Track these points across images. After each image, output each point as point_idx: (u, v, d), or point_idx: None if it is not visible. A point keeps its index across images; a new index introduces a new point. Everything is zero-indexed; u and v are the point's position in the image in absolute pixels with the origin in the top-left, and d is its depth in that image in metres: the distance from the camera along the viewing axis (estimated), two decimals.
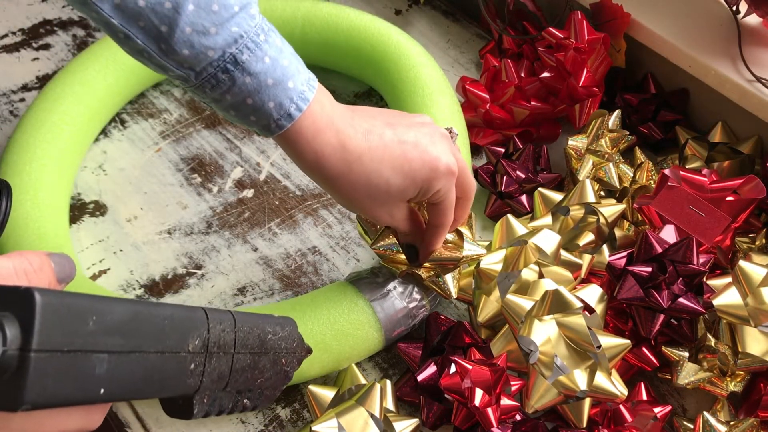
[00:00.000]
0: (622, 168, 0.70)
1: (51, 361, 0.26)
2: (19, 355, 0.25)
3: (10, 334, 0.25)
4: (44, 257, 0.33)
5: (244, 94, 0.45)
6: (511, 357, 0.55)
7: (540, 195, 0.65)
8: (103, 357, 0.28)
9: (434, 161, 0.50)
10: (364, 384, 0.56)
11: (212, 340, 0.35)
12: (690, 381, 0.56)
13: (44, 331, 0.25)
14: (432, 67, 0.74)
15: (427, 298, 0.60)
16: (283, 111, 0.46)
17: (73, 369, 0.27)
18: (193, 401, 0.35)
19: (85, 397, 0.28)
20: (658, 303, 0.55)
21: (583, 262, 0.60)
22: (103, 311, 0.29)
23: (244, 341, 0.38)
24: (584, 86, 0.71)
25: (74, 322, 0.27)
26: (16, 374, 0.25)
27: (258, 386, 0.40)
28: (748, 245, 0.64)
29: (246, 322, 0.39)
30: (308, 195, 0.73)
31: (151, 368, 0.31)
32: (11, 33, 0.86)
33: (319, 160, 0.48)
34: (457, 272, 0.59)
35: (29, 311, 0.25)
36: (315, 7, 0.78)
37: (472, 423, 0.54)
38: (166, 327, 0.32)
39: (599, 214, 0.62)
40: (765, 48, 0.70)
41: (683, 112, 0.76)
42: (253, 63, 0.45)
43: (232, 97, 0.45)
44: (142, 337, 0.30)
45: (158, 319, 0.32)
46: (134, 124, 0.78)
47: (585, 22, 0.72)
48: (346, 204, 0.53)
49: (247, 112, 0.46)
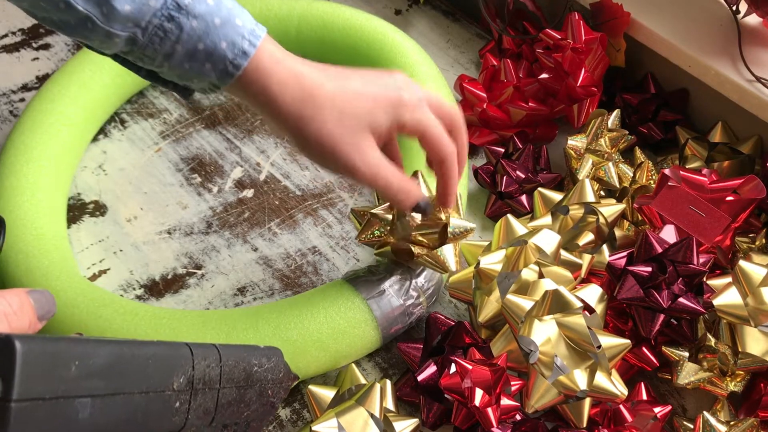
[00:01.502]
0: (621, 168, 0.70)
1: (32, 410, 0.25)
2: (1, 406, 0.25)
3: None
4: (24, 296, 0.32)
5: (194, 40, 0.44)
6: (511, 357, 0.55)
7: (540, 195, 0.65)
8: (86, 401, 0.28)
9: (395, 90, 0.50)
10: (363, 384, 0.56)
11: (197, 377, 0.35)
12: (690, 381, 0.56)
13: (25, 381, 0.25)
14: (428, 66, 0.74)
15: (423, 295, 0.60)
16: (237, 49, 0.45)
17: (56, 416, 0.27)
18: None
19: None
20: (658, 303, 0.55)
21: (583, 262, 0.60)
22: (86, 355, 0.28)
23: (230, 375, 0.38)
24: (582, 86, 0.71)
25: (56, 369, 0.26)
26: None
27: (245, 419, 0.40)
28: (748, 245, 0.64)
29: (231, 355, 0.38)
30: (308, 195, 0.73)
31: (135, 409, 0.31)
32: (11, 33, 0.86)
33: (277, 99, 0.47)
34: (456, 245, 0.58)
35: (9, 361, 0.25)
36: (311, 5, 0.78)
37: (472, 423, 0.54)
38: (150, 366, 0.32)
39: (599, 214, 0.62)
40: (765, 48, 0.70)
41: (683, 112, 0.76)
42: (197, 4, 0.44)
43: (183, 46, 0.45)
44: (126, 378, 0.30)
45: (142, 359, 0.31)
46: (134, 124, 0.78)
47: (582, 23, 0.72)
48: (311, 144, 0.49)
49: (202, 59, 0.45)
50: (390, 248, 0.58)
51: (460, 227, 0.58)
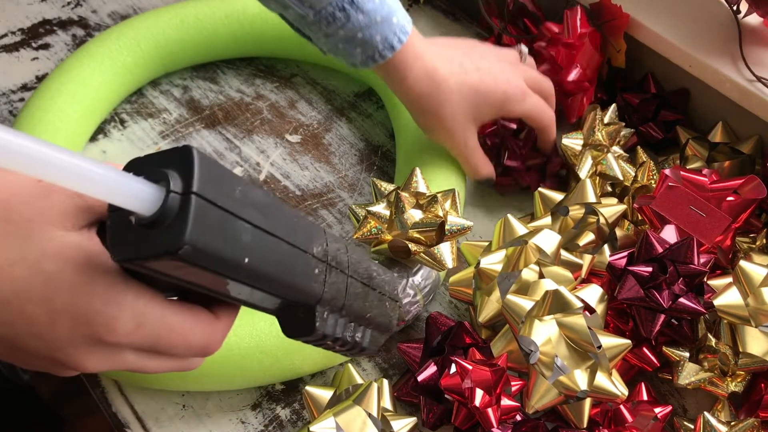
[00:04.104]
0: (623, 165, 0.69)
1: (207, 211, 0.27)
2: (181, 198, 0.27)
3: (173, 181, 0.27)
4: None
5: (356, 29, 0.55)
6: (511, 357, 0.55)
7: (540, 195, 0.65)
8: (247, 227, 0.29)
9: (504, 85, 0.63)
10: (361, 384, 0.56)
11: (330, 253, 0.35)
12: (690, 381, 0.56)
13: (202, 179, 0.27)
14: None
15: (420, 293, 0.60)
16: (387, 43, 0.56)
17: (224, 228, 0.28)
18: (315, 313, 0.35)
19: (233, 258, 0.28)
20: (658, 303, 0.55)
21: (583, 262, 0.60)
22: (247, 186, 0.29)
23: (355, 268, 0.38)
24: (572, 81, 0.71)
25: (224, 185, 0.28)
26: (177, 217, 0.26)
27: (367, 321, 0.40)
28: (749, 245, 0.64)
29: (355, 251, 0.38)
30: (308, 195, 0.73)
31: (284, 258, 0.31)
32: (11, 33, 0.86)
33: (412, 89, 0.60)
34: (453, 243, 0.58)
35: (188, 162, 0.27)
36: None
37: (472, 423, 0.54)
38: (295, 224, 0.32)
39: (599, 215, 0.62)
40: (766, 48, 0.70)
41: (683, 112, 0.76)
42: (366, 2, 0.54)
43: (345, 32, 0.55)
44: (278, 223, 0.31)
45: (288, 214, 0.32)
46: (134, 124, 0.78)
47: (579, 18, 0.72)
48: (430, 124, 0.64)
49: (355, 44, 0.56)
50: (387, 246, 0.58)
51: (457, 225, 0.58)
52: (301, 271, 0.33)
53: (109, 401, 0.59)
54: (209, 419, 0.58)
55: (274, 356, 0.56)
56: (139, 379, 0.58)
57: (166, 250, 0.26)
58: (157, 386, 0.58)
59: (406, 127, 0.71)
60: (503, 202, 0.73)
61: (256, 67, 0.84)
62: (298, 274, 0.33)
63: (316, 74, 0.84)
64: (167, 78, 0.82)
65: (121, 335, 0.30)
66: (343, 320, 0.38)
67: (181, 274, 0.29)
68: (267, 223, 0.30)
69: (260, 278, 0.31)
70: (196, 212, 0.26)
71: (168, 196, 0.26)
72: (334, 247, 0.36)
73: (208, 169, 0.27)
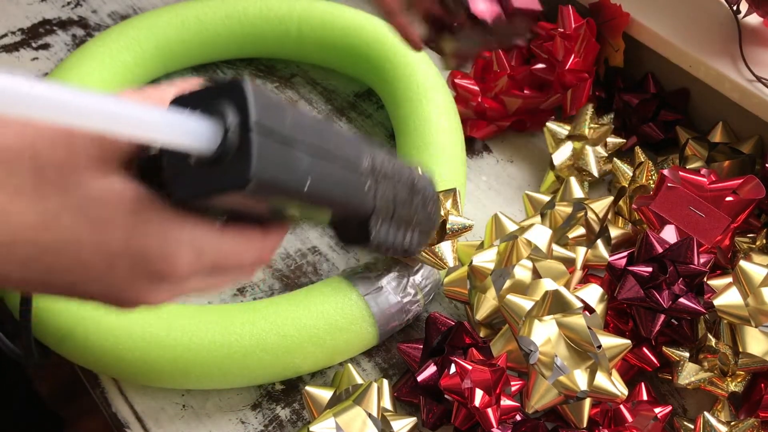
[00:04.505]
0: (621, 167, 0.69)
1: (266, 143, 0.27)
2: (240, 133, 0.26)
3: (230, 116, 0.26)
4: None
5: None
6: (511, 357, 0.55)
7: (528, 197, 0.65)
8: (302, 155, 0.29)
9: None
10: (360, 384, 0.56)
11: (377, 165, 0.36)
12: (690, 381, 0.56)
13: (259, 111, 0.27)
14: (426, 64, 0.74)
15: (421, 292, 0.60)
16: None
17: (283, 157, 0.28)
18: (369, 224, 0.36)
19: (295, 186, 0.29)
20: (658, 303, 0.55)
21: (576, 255, 0.60)
22: (296, 111, 0.29)
23: (400, 174, 0.38)
24: (571, 70, 0.71)
25: (277, 114, 0.28)
26: (239, 152, 0.26)
27: (414, 225, 0.41)
28: (749, 245, 0.64)
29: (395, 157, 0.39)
30: None
31: (338, 178, 0.32)
32: (11, 33, 0.86)
33: None
34: (455, 242, 0.58)
35: (241, 94, 0.27)
36: (311, 5, 0.78)
37: (472, 423, 0.54)
38: (343, 141, 0.33)
39: (588, 209, 0.62)
40: (766, 48, 0.70)
41: (683, 112, 0.76)
42: None
43: None
44: (329, 145, 0.31)
45: (335, 132, 0.32)
46: None
47: (572, 13, 0.73)
48: None
49: None
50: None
51: (458, 224, 0.58)
52: (354, 189, 0.34)
53: (109, 401, 0.59)
54: (209, 419, 0.58)
55: (274, 354, 0.56)
56: (139, 378, 0.58)
57: (233, 186, 0.26)
58: (158, 384, 0.58)
59: (406, 127, 0.71)
60: (503, 202, 0.73)
61: (256, 68, 0.84)
62: (351, 191, 0.33)
63: (316, 74, 0.84)
64: (167, 78, 0.82)
65: (182, 270, 0.30)
66: (393, 227, 0.39)
67: (240, 204, 0.29)
68: (321, 147, 0.30)
69: (317, 201, 0.31)
70: (259, 145, 0.26)
71: (227, 132, 0.26)
72: (380, 158, 0.36)
73: (262, 100, 0.27)
